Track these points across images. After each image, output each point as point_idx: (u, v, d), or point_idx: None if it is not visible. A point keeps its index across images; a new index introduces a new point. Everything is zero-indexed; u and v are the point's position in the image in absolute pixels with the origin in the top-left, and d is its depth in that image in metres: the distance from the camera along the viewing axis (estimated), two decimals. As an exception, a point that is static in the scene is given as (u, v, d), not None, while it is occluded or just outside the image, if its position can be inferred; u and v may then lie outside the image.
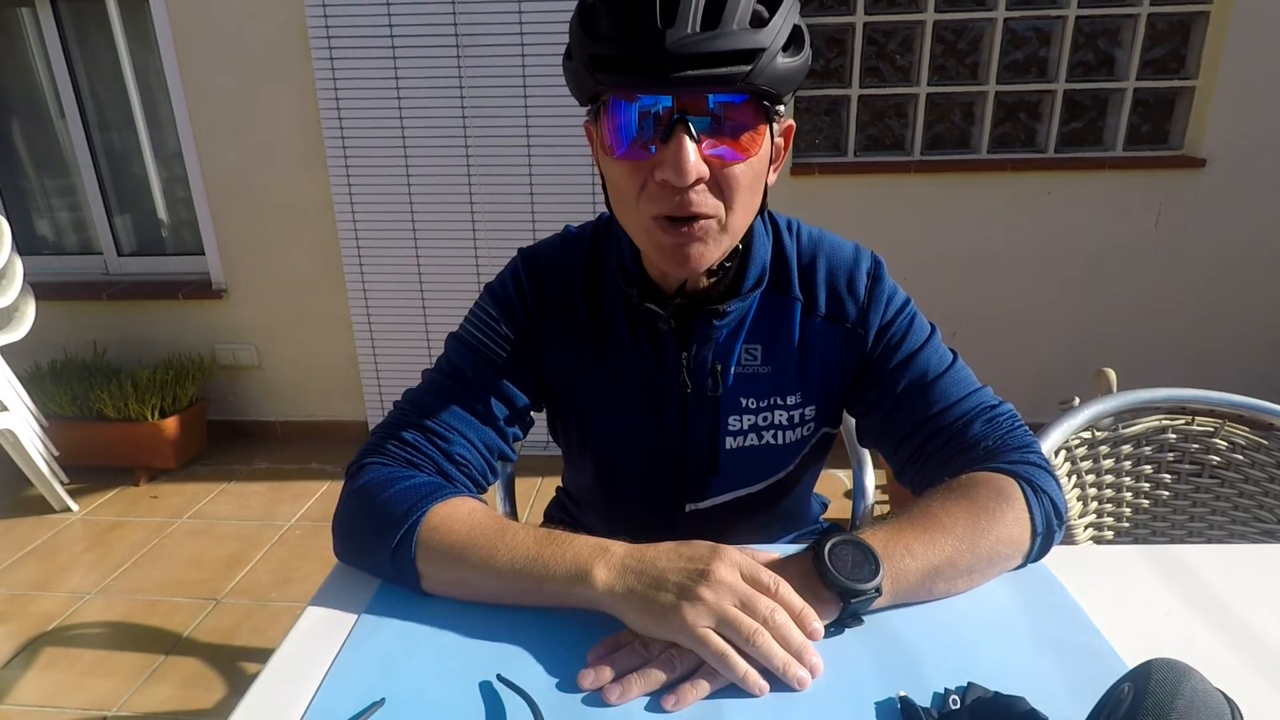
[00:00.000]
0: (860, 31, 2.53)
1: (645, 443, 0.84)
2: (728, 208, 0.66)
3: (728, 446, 0.83)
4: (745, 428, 0.82)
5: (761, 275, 0.78)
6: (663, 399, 0.82)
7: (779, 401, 0.82)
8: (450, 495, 0.70)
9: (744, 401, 0.81)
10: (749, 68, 0.60)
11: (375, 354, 2.84)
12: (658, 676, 0.55)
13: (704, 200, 0.65)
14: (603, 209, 0.78)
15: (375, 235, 2.69)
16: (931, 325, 0.82)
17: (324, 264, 2.78)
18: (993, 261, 2.69)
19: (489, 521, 0.67)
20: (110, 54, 2.79)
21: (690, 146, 0.61)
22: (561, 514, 1.07)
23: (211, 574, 2.16)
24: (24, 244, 2.99)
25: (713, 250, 0.69)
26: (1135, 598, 0.66)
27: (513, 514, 1.11)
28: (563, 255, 0.83)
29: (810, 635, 0.56)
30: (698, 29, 0.59)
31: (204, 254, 2.86)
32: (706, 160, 0.63)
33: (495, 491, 1.09)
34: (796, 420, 0.83)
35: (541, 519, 1.09)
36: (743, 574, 0.58)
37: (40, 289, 2.60)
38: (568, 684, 0.55)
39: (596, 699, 0.54)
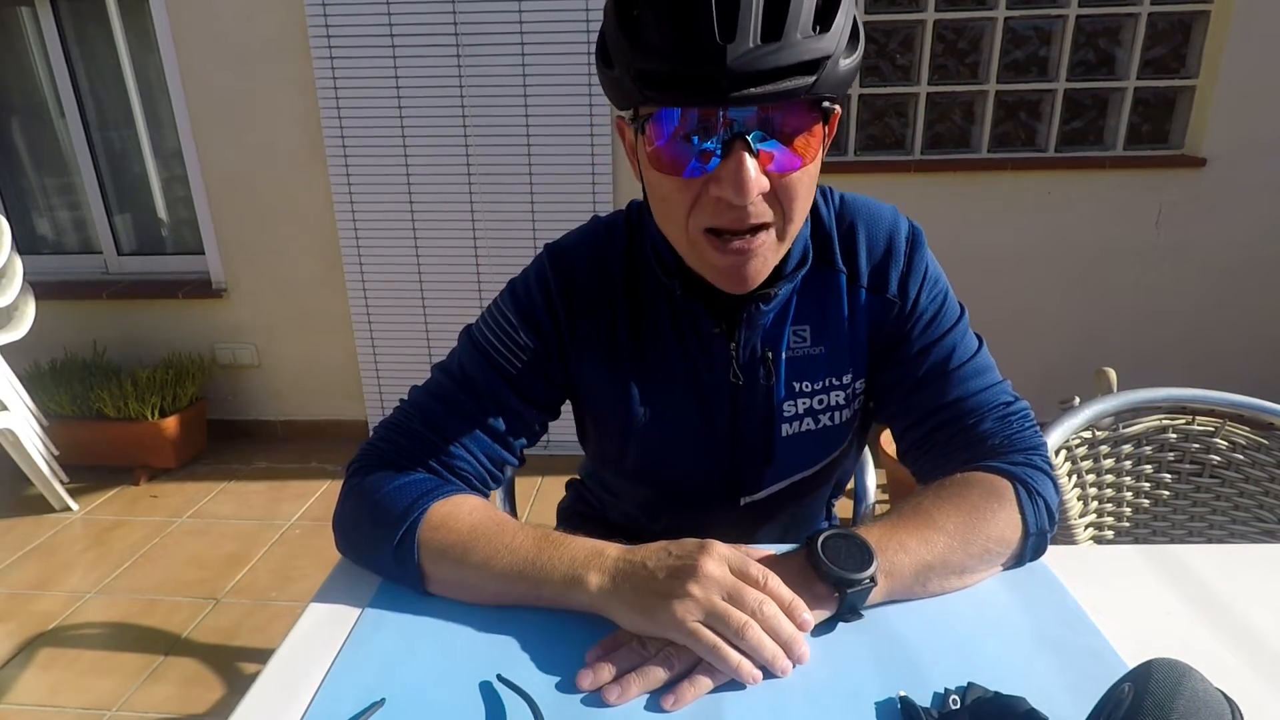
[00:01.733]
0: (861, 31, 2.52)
1: (696, 442, 0.80)
2: (786, 217, 0.64)
3: (783, 434, 0.79)
4: (801, 412, 0.79)
5: (805, 253, 0.74)
6: (713, 395, 0.78)
7: (834, 382, 0.78)
8: (451, 493, 0.69)
9: (798, 386, 0.78)
10: (813, 78, 0.57)
11: (375, 353, 2.84)
12: (657, 675, 0.55)
13: (762, 211, 0.62)
14: (605, 206, 0.77)
15: (375, 234, 2.68)
16: (961, 306, 0.80)
17: (324, 263, 2.77)
18: (993, 261, 2.68)
19: (489, 521, 0.66)
20: (110, 53, 2.79)
21: (750, 163, 0.58)
22: (583, 508, 1.03)
23: (211, 573, 2.16)
24: (24, 243, 2.99)
25: (771, 262, 0.66)
26: (1135, 598, 0.66)
27: (512, 514, 1.10)
28: (595, 251, 0.78)
29: (800, 626, 0.57)
30: (759, 41, 0.55)
31: (204, 253, 2.86)
32: (765, 173, 0.60)
33: (495, 490, 1.08)
34: (851, 397, 0.80)
35: (555, 519, 1.06)
36: (731, 568, 0.58)
37: (40, 288, 2.60)
38: (568, 684, 0.55)
39: (596, 699, 0.54)
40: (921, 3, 2.49)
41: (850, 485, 1.04)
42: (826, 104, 0.61)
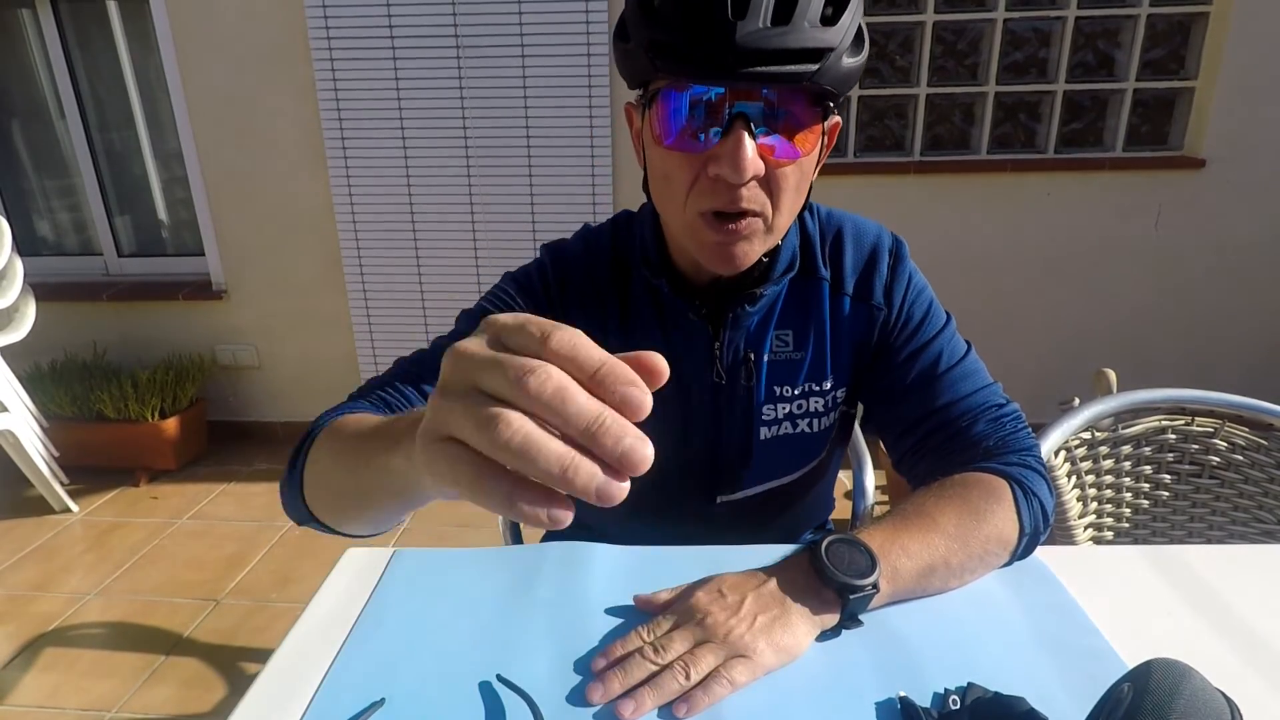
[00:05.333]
0: (860, 32, 2.52)
1: (676, 438, 0.81)
2: (775, 207, 0.65)
3: (762, 437, 0.80)
4: (780, 416, 0.80)
5: (793, 260, 0.76)
6: (695, 393, 0.79)
7: (814, 388, 0.80)
8: (366, 409, 0.65)
9: (778, 390, 0.79)
10: (816, 67, 0.59)
11: (375, 354, 2.84)
12: (670, 687, 0.54)
13: (755, 196, 0.64)
14: (605, 213, 0.77)
15: (375, 236, 2.69)
16: (947, 314, 0.81)
17: (324, 264, 2.78)
18: (993, 262, 2.69)
19: (365, 418, 0.57)
20: (110, 54, 2.79)
21: (749, 143, 0.60)
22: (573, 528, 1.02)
23: (211, 575, 2.16)
24: (24, 245, 2.99)
25: (757, 249, 0.68)
26: (1135, 598, 0.66)
27: (511, 528, 1.09)
28: (586, 249, 0.81)
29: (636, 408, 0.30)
30: (769, 23, 0.57)
31: (204, 254, 2.86)
32: (761, 157, 0.62)
33: None
34: (830, 405, 0.81)
35: (543, 533, 1.06)
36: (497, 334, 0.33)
37: (40, 289, 2.60)
38: (567, 684, 0.55)
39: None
40: (921, 4, 2.50)
41: (849, 486, 1.04)
42: (828, 102, 0.63)
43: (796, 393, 0.79)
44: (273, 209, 2.74)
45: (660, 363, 0.31)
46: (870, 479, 1.08)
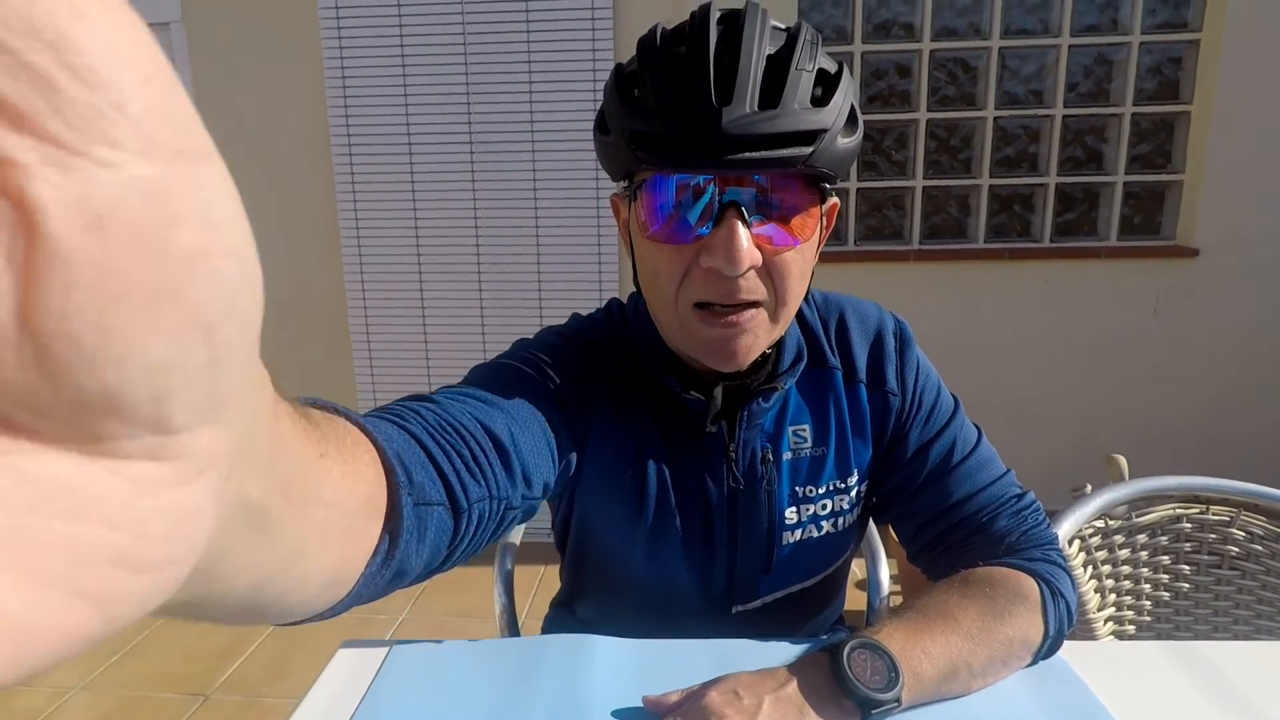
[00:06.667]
0: (856, 129, 2.64)
1: (690, 550, 0.74)
2: (778, 297, 0.61)
3: (783, 543, 0.74)
4: (804, 519, 0.74)
5: (800, 350, 0.72)
6: (710, 501, 0.73)
7: (839, 485, 0.74)
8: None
9: (800, 491, 0.73)
10: (810, 150, 0.56)
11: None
12: None
13: (754, 286, 0.59)
14: (611, 279, 0.73)
15: (385, 321, 2.74)
16: (955, 398, 0.77)
17: (334, 349, 2.81)
18: (994, 348, 2.71)
19: None
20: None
21: (743, 232, 0.56)
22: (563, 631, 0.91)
23: (202, 666, 2.09)
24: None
25: (762, 342, 0.63)
26: (1161, 698, 0.63)
27: (510, 607, 1.04)
28: (592, 337, 0.73)
29: None
30: (756, 108, 0.55)
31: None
32: (758, 246, 0.58)
33: (494, 584, 1.03)
34: (855, 501, 0.75)
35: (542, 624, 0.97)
36: None
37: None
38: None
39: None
40: (914, 102, 2.62)
41: (861, 576, 1.01)
42: (824, 185, 0.60)
43: (821, 492, 0.74)
44: (285, 294, 2.80)
45: None
46: (885, 572, 1.05)
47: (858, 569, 2.21)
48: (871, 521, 0.87)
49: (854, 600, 0.99)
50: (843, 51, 2.59)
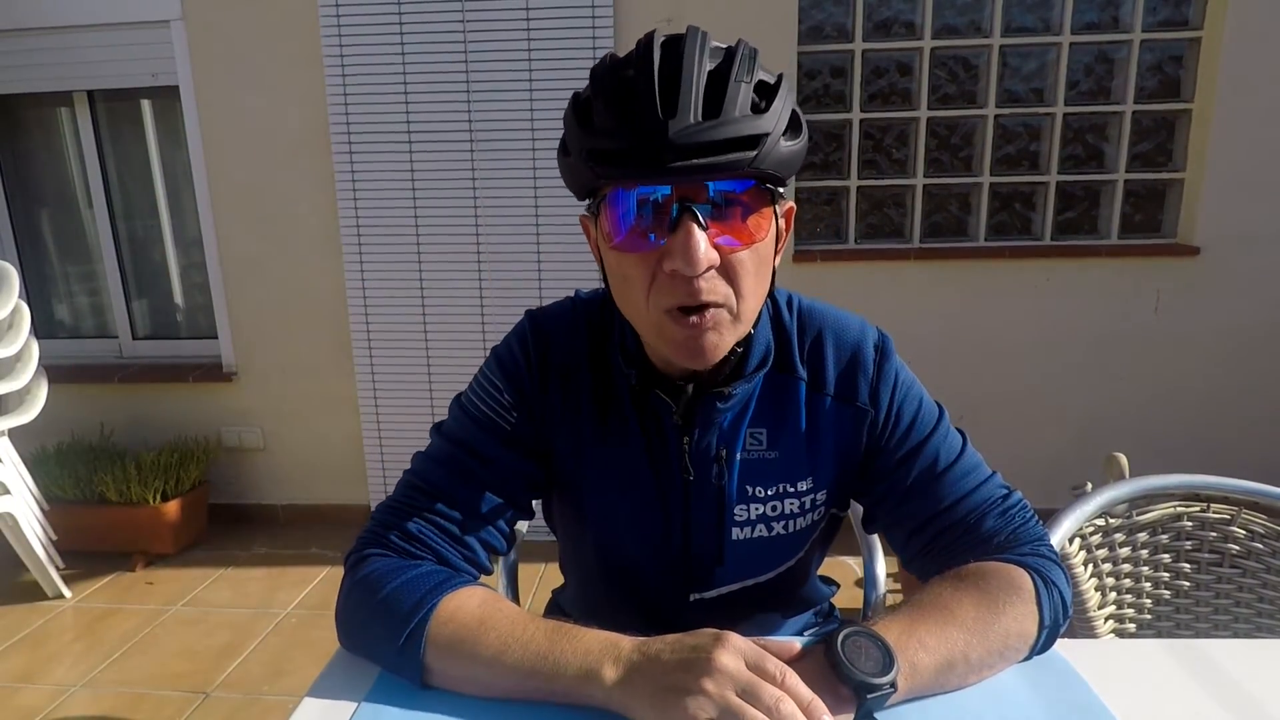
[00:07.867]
0: (857, 127, 2.64)
1: (647, 530, 0.80)
2: (738, 294, 0.65)
3: (734, 538, 0.79)
4: (753, 518, 0.78)
5: (766, 355, 0.76)
6: (666, 486, 0.78)
7: (789, 489, 0.78)
8: (458, 585, 0.68)
9: (751, 490, 0.78)
10: (754, 153, 0.61)
11: (380, 437, 2.84)
12: None
13: (714, 287, 0.64)
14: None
15: (385, 319, 2.74)
16: (939, 406, 0.80)
17: (334, 347, 2.82)
18: (995, 346, 2.71)
19: (498, 614, 0.65)
20: (141, 149, 2.93)
21: (699, 234, 0.61)
22: (559, 618, 1.00)
23: (202, 665, 2.09)
24: (42, 328, 3.05)
25: (726, 339, 0.67)
26: (1162, 696, 0.63)
27: (515, 599, 1.08)
28: (569, 321, 0.81)
29: None
30: (699, 118, 0.60)
31: (217, 337, 2.91)
32: (715, 246, 0.62)
33: (499, 579, 1.06)
34: (807, 507, 0.79)
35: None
36: (747, 662, 0.56)
37: (54, 371, 2.63)
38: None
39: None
40: (915, 101, 2.62)
41: (859, 574, 1.02)
42: (772, 187, 0.64)
43: (770, 493, 0.78)
44: (286, 294, 2.80)
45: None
46: (881, 567, 1.06)
47: (855, 566, 2.21)
48: (862, 523, 0.88)
49: (854, 600, 1.00)
50: (844, 50, 2.59)
